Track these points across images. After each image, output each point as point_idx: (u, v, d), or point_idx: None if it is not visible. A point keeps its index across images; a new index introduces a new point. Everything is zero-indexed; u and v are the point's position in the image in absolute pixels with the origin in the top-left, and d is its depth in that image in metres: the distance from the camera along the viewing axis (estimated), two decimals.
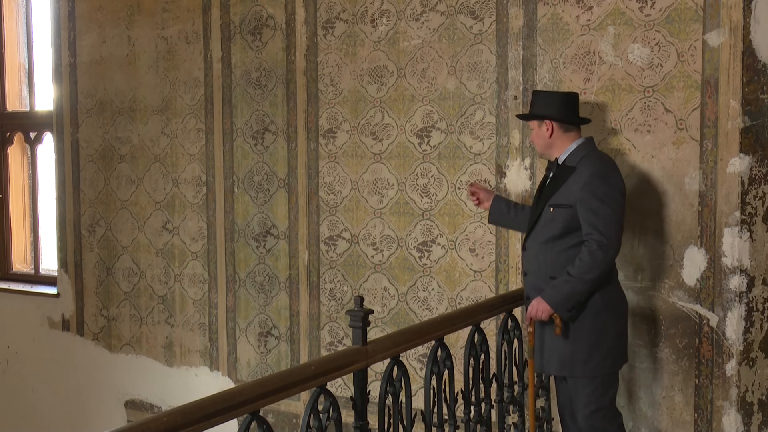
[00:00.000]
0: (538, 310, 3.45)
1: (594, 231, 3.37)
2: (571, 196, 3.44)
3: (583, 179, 3.41)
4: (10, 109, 6.33)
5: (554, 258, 3.50)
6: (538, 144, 3.61)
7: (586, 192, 3.40)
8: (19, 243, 6.39)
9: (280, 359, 4.80)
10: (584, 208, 3.40)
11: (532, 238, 3.59)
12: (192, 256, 5.11)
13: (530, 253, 3.59)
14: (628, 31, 3.69)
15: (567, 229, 3.47)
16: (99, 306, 5.57)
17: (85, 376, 5.64)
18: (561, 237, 3.48)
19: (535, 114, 3.59)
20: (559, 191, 3.49)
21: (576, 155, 3.49)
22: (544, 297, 3.43)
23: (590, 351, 3.44)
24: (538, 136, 3.58)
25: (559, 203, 3.48)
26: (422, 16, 4.22)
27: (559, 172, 3.52)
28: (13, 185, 6.34)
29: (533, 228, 3.58)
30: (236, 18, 4.82)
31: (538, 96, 3.64)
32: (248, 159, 4.83)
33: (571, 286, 3.41)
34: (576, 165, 3.47)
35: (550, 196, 3.52)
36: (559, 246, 3.49)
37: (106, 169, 5.44)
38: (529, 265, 3.61)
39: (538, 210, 3.57)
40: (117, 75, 5.33)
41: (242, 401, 2.54)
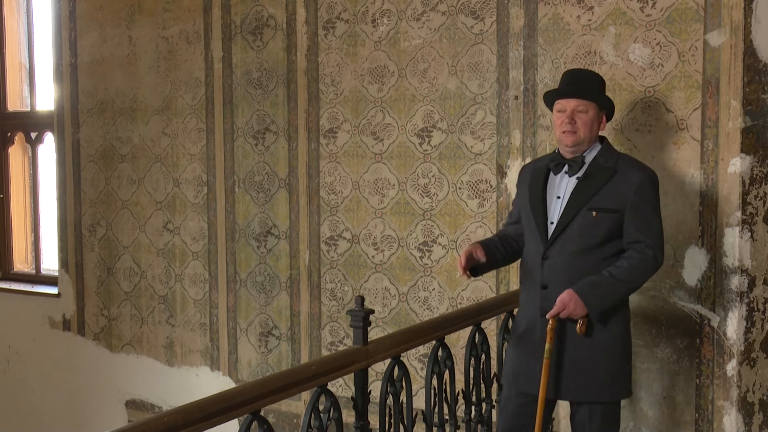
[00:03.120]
0: (571, 305, 3.07)
1: (646, 239, 3.11)
2: (619, 200, 3.12)
3: (635, 182, 3.13)
4: (11, 108, 6.34)
5: (591, 269, 3.13)
6: (581, 132, 3.17)
7: (640, 197, 3.13)
8: (20, 243, 6.39)
9: (281, 359, 4.80)
10: (636, 214, 3.11)
11: (557, 247, 3.18)
12: (193, 256, 5.12)
13: (554, 263, 3.18)
14: (629, 31, 3.69)
15: (609, 236, 3.14)
16: (100, 306, 5.57)
17: (85, 376, 5.64)
18: (601, 245, 3.14)
19: (600, 101, 3.23)
20: (601, 194, 3.14)
21: (607, 154, 3.22)
22: (579, 293, 3.06)
23: (618, 371, 3.20)
24: (586, 124, 3.17)
25: (604, 207, 3.13)
26: (423, 16, 4.22)
27: (593, 172, 3.18)
28: (14, 185, 6.35)
29: (559, 235, 3.18)
30: (237, 18, 4.82)
31: (594, 79, 3.28)
32: (249, 159, 4.84)
33: (613, 289, 3.11)
34: (615, 165, 3.17)
35: (587, 199, 3.15)
36: (597, 255, 3.15)
37: (107, 169, 5.45)
38: (552, 277, 3.18)
39: (570, 214, 3.17)
40: (118, 75, 5.33)
41: (243, 401, 2.54)
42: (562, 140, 3.22)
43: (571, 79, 3.27)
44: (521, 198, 3.40)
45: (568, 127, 3.18)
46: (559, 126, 3.22)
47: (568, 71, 3.38)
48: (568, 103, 3.19)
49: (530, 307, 3.27)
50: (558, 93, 3.25)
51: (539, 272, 3.23)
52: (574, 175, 3.22)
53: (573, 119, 3.17)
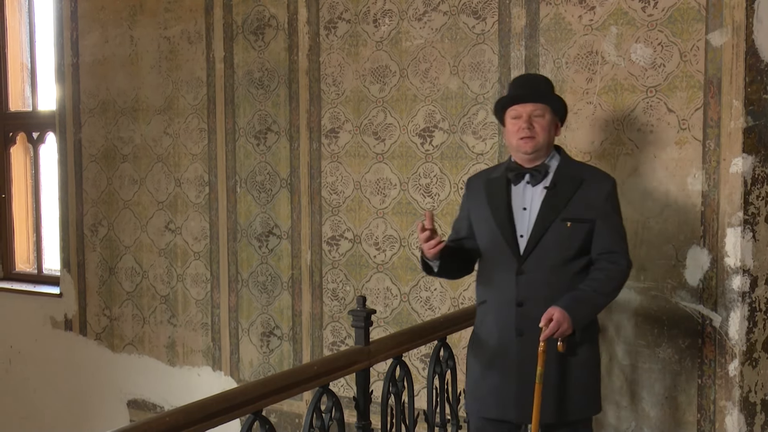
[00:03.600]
0: (565, 325, 2.91)
1: (620, 250, 3.05)
2: (591, 209, 3.03)
3: (605, 190, 3.07)
4: (12, 108, 6.34)
5: (569, 283, 3.02)
6: (540, 137, 3.05)
7: (610, 205, 3.07)
8: (21, 243, 6.40)
9: (283, 359, 4.80)
10: (608, 223, 3.05)
11: (532, 261, 3.03)
12: (194, 256, 5.12)
13: (531, 279, 3.03)
14: (631, 31, 3.69)
15: (583, 247, 3.05)
16: (101, 306, 5.57)
17: (87, 376, 5.64)
18: (576, 257, 3.04)
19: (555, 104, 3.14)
20: (573, 203, 3.04)
21: (570, 163, 3.16)
22: (567, 310, 2.92)
23: (596, 385, 3.16)
24: (545, 128, 3.07)
25: (578, 217, 3.02)
26: (425, 16, 4.22)
27: (561, 181, 3.07)
28: (16, 185, 6.35)
29: (533, 249, 3.04)
30: (239, 18, 4.82)
31: (546, 81, 3.21)
32: (251, 159, 4.84)
33: (595, 303, 3.04)
34: (581, 174, 3.09)
35: (559, 209, 3.03)
36: (573, 268, 3.04)
37: (109, 169, 5.45)
38: (529, 293, 3.03)
39: (543, 226, 3.03)
40: (119, 75, 5.34)
41: (245, 401, 2.55)
42: (520, 147, 3.08)
43: (523, 83, 3.19)
44: (477, 212, 3.23)
45: (527, 133, 3.05)
46: (516, 132, 3.07)
47: (517, 77, 3.35)
48: (524, 108, 3.07)
49: (502, 327, 3.09)
50: (513, 98, 3.12)
51: (513, 289, 3.05)
52: (538, 184, 3.10)
53: (531, 124, 3.05)
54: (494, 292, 3.14)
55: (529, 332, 3.00)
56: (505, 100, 3.16)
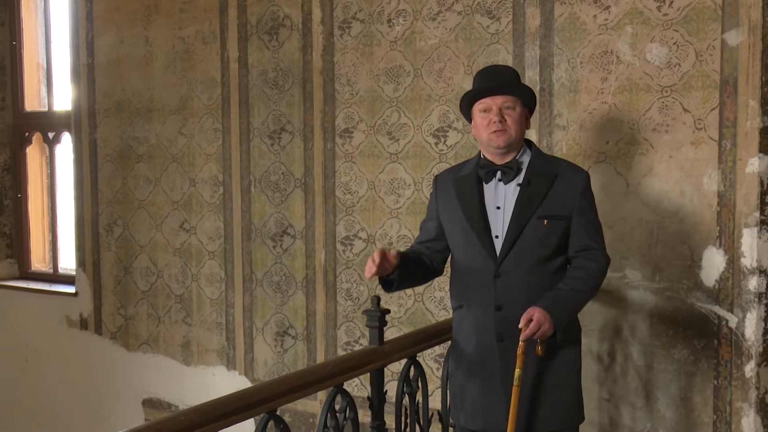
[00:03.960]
0: (546, 324, 2.80)
1: (597, 246, 2.97)
2: (566, 205, 2.94)
3: (580, 185, 2.97)
4: (29, 109, 6.38)
5: (548, 283, 2.92)
6: (512, 131, 2.93)
7: (585, 201, 2.98)
8: (37, 242, 6.43)
9: (297, 359, 4.81)
10: (584, 219, 2.96)
11: (509, 263, 2.91)
12: (209, 256, 5.13)
13: (509, 281, 2.91)
14: (646, 31, 3.67)
15: (560, 246, 2.96)
16: (117, 305, 5.59)
17: (103, 375, 5.67)
18: (553, 256, 2.95)
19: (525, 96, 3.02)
20: (548, 200, 2.93)
21: (542, 158, 3.05)
22: (548, 310, 2.81)
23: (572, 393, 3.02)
24: (516, 121, 2.95)
25: (554, 214, 2.92)
26: (439, 16, 4.21)
27: (534, 177, 2.96)
28: (32, 185, 6.39)
29: (510, 249, 2.92)
30: (253, 18, 4.83)
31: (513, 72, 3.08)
32: (265, 159, 4.84)
33: (576, 302, 2.94)
34: (553, 169, 2.99)
35: (534, 207, 2.92)
36: (550, 267, 2.95)
37: (124, 169, 5.47)
38: (507, 296, 2.91)
39: (519, 225, 2.91)
40: (134, 75, 5.36)
41: (259, 400, 2.55)
42: (491, 142, 2.95)
43: (491, 76, 3.03)
44: (447, 212, 3.10)
45: (499, 126, 2.92)
46: (487, 126, 2.94)
47: (483, 69, 3.17)
48: (494, 101, 2.95)
49: (480, 333, 2.98)
50: (481, 91, 2.98)
51: (491, 292, 2.93)
52: (511, 181, 2.98)
53: (502, 117, 2.93)
54: (471, 296, 3.02)
55: (510, 337, 2.88)
56: (474, 93, 3.02)
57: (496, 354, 2.94)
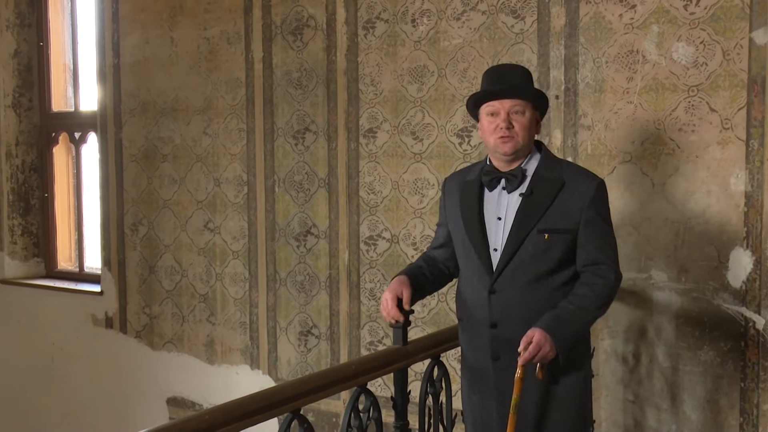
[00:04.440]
0: (547, 347, 2.61)
1: (606, 260, 2.76)
2: (572, 218, 2.74)
3: (589, 194, 2.75)
4: (55, 109, 6.43)
5: (549, 300, 2.75)
6: (520, 137, 2.76)
7: (594, 212, 2.76)
8: (63, 242, 6.49)
9: (320, 358, 4.82)
10: (593, 231, 2.75)
11: (505, 278, 2.76)
12: (233, 255, 5.15)
13: (505, 298, 2.77)
14: (673, 30, 3.64)
15: (563, 261, 2.76)
16: (142, 304, 5.63)
17: (128, 373, 5.71)
18: (554, 272, 2.77)
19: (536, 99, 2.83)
20: (552, 212, 2.74)
21: (550, 164, 2.84)
22: (548, 331, 2.63)
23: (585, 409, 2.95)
24: (525, 127, 2.77)
25: (556, 228, 2.74)
26: (463, 16, 4.20)
27: (538, 186, 2.78)
28: (58, 184, 6.44)
29: (507, 264, 2.76)
30: (277, 18, 4.84)
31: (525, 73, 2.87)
32: (289, 159, 4.86)
33: (580, 322, 2.74)
34: (561, 176, 2.78)
35: (535, 219, 2.74)
36: (551, 284, 2.77)
37: (149, 169, 5.50)
38: (502, 314, 2.77)
39: (517, 239, 2.74)
40: (160, 75, 5.39)
41: (283, 399, 2.56)
42: (498, 148, 2.79)
43: (500, 77, 2.83)
44: (452, 219, 2.97)
45: (506, 132, 2.75)
46: (493, 132, 2.78)
47: (492, 68, 2.97)
48: (502, 105, 2.77)
49: (477, 349, 2.89)
50: (489, 93, 2.80)
51: (486, 309, 2.80)
52: (515, 190, 2.80)
53: (510, 123, 2.76)
54: (468, 311, 2.91)
55: (505, 356, 2.75)
56: (480, 96, 2.84)
57: (492, 373, 2.82)
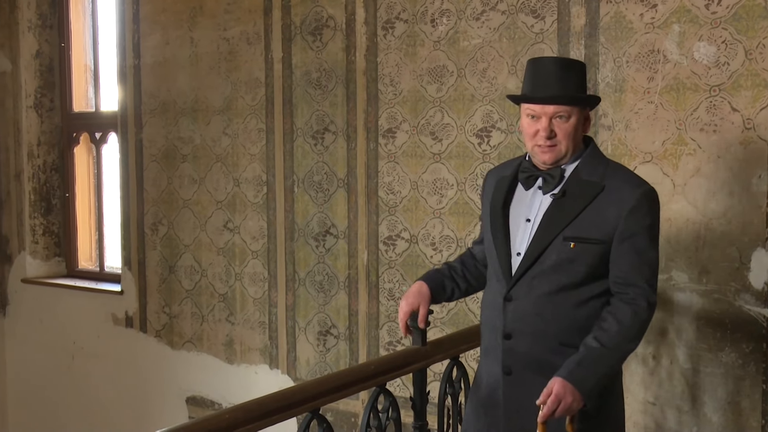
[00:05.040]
0: (568, 398, 2.31)
1: (641, 280, 2.45)
2: (606, 227, 2.44)
3: (629, 203, 2.44)
4: (76, 109, 6.48)
5: (569, 317, 2.48)
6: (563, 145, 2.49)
7: (634, 222, 2.44)
8: (84, 241, 6.53)
9: (339, 358, 4.82)
10: (630, 246, 2.44)
11: (523, 286, 2.52)
12: (252, 255, 5.17)
13: (520, 307, 2.52)
14: (694, 29, 3.62)
15: (592, 274, 2.47)
16: (161, 303, 5.66)
17: (147, 372, 5.74)
18: (580, 285, 2.48)
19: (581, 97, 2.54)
20: (583, 218, 2.46)
21: (593, 164, 2.55)
22: (570, 380, 2.33)
23: None
24: (569, 134, 2.48)
25: (585, 236, 2.45)
26: (483, 16, 4.20)
27: (572, 188, 2.51)
28: (79, 184, 6.49)
29: (527, 271, 2.51)
30: (297, 19, 4.85)
31: (574, 69, 2.55)
32: (308, 159, 4.86)
33: (607, 363, 2.40)
34: (602, 180, 2.49)
35: (563, 225, 2.47)
36: (575, 298, 2.48)
37: (169, 169, 5.53)
38: (517, 324, 2.53)
39: (541, 244, 2.49)
40: (179, 76, 5.41)
41: (303, 399, 2.56)
42: (536, 155, 2.56)
43: (545, 78, 2.50)
44: (484, 216, 2.76)
45: (546, 142, 2.48)
46: (533, 137, 2.52)
47: (537, 63, 2.59)
48: (544, 110, 2.48)
49: (489, 362, 2.65)
50: (530, 99, 2.52)
51: (500, 317, 2.56)
52: (551, 191, 2.54)
53: (551, 130, 2.48)
54: (486, 318, 2.69)
55: (517, 371, 2.53)
56: (520, 99, 2.58)
57: (501, 389, 2.58)
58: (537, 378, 2.44)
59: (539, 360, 2.49)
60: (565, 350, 2.45)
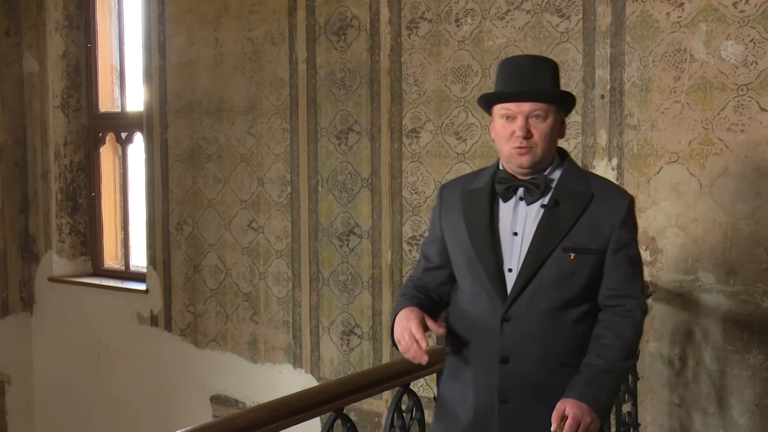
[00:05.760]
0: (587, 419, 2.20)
1: (636, 291, 2.39)
2: (601, 237, 2.34)
3: (622, 212, 2.37)
4: (102, 109, 6.52)
5: (570, 332, 2.36)
6: (540, 147, 2.35)
7: (627, 232, 2.37)
8: (110, 240, 6.58)
9: (363, 358, 4.82)
10: (622, 256, 2.36)
11: (522, 305, 2.34)
12: (276, 255, 5.18)
13: (521, 328, 2.34)
14: (721, 28, 3.58)
15: (588, 287, 2.36)
16: (186, 302, 5.68)
17: (172, 371, 5.77)
18: (578, 301, 2.35)
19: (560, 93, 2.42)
20: (579, 228, 2.34)
21: (577, 173, 2.46)
22: (586, 401, 2.23)
23: None
24: (546, 136, 2.35)
25: (584, 247, 2.33)
26: (507, 15, 4.18)
27: (563, 198, 2.37)
28: (105, 184, 6.54)
29: (524, 288, 2.34)
30: (321, 19, 4.86)
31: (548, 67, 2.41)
32: (332, 159, 4.87)
33: (616, 380, 2.34)
34: (589, 189, 2.39)
35: (561, 236, 2.33)
36: (572, 315, 2.36)
37: (194, 169, 5.56)
38: (517, 347, 2.35)
39: (539, 258, 2.33)
40: (204, 76, 5.44)
41: (327, 399, 2.56)
42: (513, 159, 2.39)
43: (520, 75, 2.38)
44: (452, 233, 2.51)
45: (522, 143, 2.33)
46: (509, 140, 2.36)
47: (510, 62, 2.48)
48: (520, 109, 2.35)
49: (481, 389, 2.42)
50: (504, 95, 2.38)
51: (496, 340, 2.36)
52: (535, 202, 2.39)
53: (528, 130, 2.34)
54: (472, 343, 2.45)
55: (516, 398, 2.35)
56: (494, 97, 2.42)
57: (496, 418, 2.37)
58: (534, 403, 2.33)
59: (539, 384, 2.34)
60: (563, 371, 2.33)
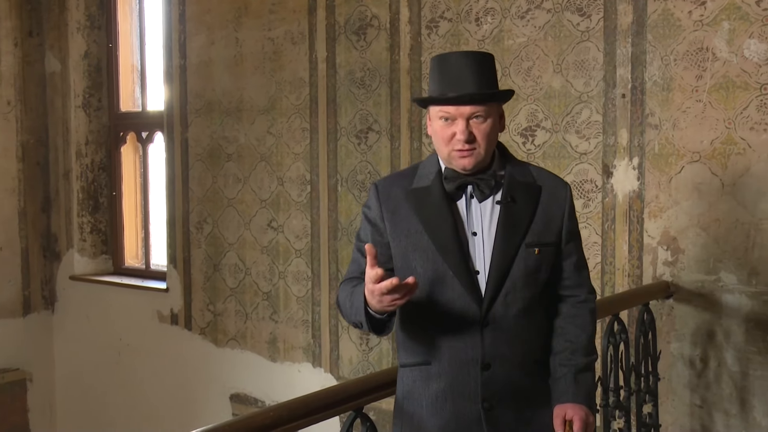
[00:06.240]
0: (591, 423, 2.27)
1: (587, 278, 2.41)
2: (555, 229, 2.31)
3: (567, 201, 2.34)
4: (123, 109, 6.56)
5: (540, 328, 2.34)
6: (482, 148, 2.24)
7: (574, 222, 2.36)
8: (131, 239, 6.62)
9: (382, 357, 4.82)
10: (574, 245, 2.36)
11: (498, 307, 2.24)
12: (296, 254, 5.19)
13: (501, 330, 2.24)
14: (744, 26, 3.56)
15: (548, 280, 2.33)
16: (206, 301, 5.70)
17: (192, 370, 5.79)
18: (542, 294, 2.32)
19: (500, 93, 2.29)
20: (536, 222, 2.29)
21: (518, 164, 2.38)
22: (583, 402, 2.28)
23: None
24: (487, 135, 2.23)
25: (544, 241, 2.29)
26: (527, 14, 4.17)
27: (515, 192, 2.29)
28: (126, 183, 6.58)
29: (498, 289, 2.24)
30: (341, 18, 4.86)
31: (487, 63, 2.27)
32: (352, 158, 4.87)
33: (592, 374, 2.37)
34: (535, 180, 2.33)
35: (523, 231, 2.26)
36: (541, 308, 2.34)
37: (214, 168, 5.57)
38: (498, 351, 2.24)
39: (507, 257, 2.24)
40: (225, 76, 5.45)
41: (347, 398, 2.56)
42: (454, 161, 2.27)
43: (457, 73, 2.23)
44: (401, 236, 2.34)
45: (464, 146, 2.22)
46: (449, 143, 2.25)
47: (444, 60, 2.28)
48: (460, 112, 2.22)
49: (459, 399, 2.28)
50: (443, 100, 2.23)
51: (476, 346, 2.24)
52: (487, 199, 2.28)
53: (469, 132, 2.22)
54: (443, 351, 2.29)
55: (500, 403, 2.26)
56: (431, 101, 2.28)
57: (484, 427, 2.26)
58: (515, 405, 2.29)
59: (518, 385, 2.29)
60: (536, 369, 2.33)
